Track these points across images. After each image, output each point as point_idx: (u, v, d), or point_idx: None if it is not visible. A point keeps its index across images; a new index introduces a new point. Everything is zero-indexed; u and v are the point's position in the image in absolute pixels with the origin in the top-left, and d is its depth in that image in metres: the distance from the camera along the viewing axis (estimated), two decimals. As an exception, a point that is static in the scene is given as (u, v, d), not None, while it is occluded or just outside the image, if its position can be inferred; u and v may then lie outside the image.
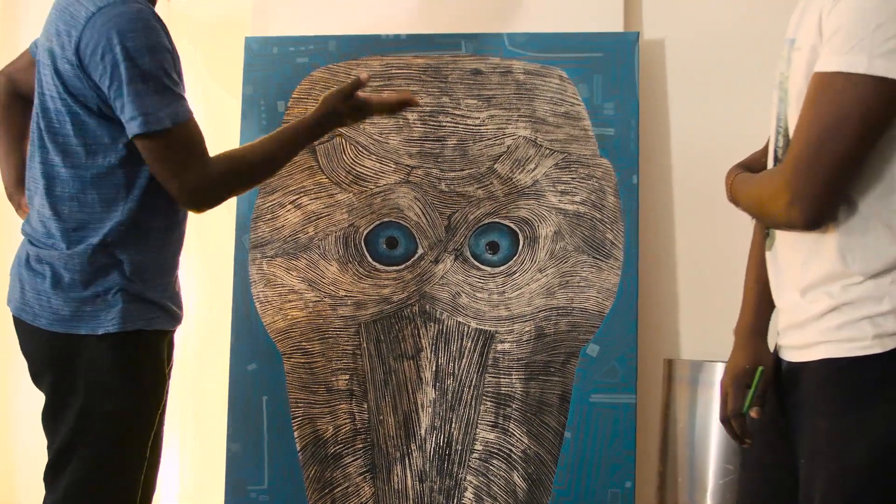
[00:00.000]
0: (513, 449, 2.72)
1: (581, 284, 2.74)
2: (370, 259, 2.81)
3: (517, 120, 2.79)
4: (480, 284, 2.77)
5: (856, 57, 1.42)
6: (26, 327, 2.05)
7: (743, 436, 1.73)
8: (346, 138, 2.82)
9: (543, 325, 2.74)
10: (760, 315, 1.77)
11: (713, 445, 2.56)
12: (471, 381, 2.75)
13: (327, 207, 2.83)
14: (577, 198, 2.76)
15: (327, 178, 2.84)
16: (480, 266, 2.78)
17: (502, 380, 2.74)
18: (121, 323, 1.99)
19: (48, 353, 2.03)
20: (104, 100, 1.96)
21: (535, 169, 2.77)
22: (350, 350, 2.79)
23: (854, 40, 1.42)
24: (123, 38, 1.92)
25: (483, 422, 2.74)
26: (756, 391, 1.70)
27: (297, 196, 2.84)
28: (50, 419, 2.04)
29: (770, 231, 1.66)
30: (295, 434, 2.79)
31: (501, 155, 2.79)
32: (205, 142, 2.04)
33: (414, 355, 2.77)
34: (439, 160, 2.81)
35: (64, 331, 2.00)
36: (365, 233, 2.82)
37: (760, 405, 1.70)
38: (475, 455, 2.73)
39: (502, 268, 2.78)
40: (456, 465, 2.73)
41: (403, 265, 2.80)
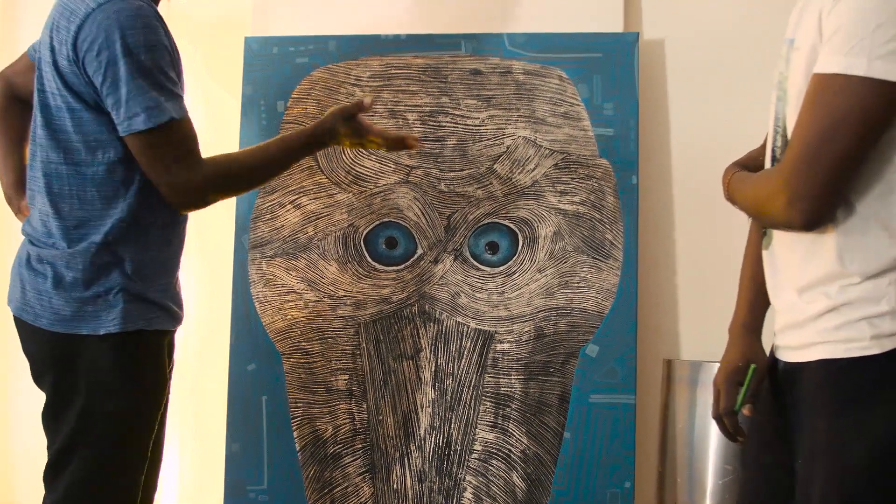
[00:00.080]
0: (512, 449, 2.72)
1: (580, 285, 2.74)
2: (370, 259, 2.81)
3: (517, 120, 2.79)
4: (480, 285, 2.77)
5: (855, 59, 1.42)
6: (27, 327, 2.05)
7: (735, 433, 1.74)
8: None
9: (543, 326, 2.74)
10: (755, 313, 1.78)
11: (712, 446, 2.56)
12: (470, 382, 2.75)
13: (327, 207, 2.83)
14: (577, 198, 2.76)
15: (327, 178, 2.84)
16: (480, 266, 2.78)
17: (501, 380, 2.74)
18: (122, 323, 1.99)
19: (49, 354, 2.03)
20: (100, 95, 1.96)
21: (535, 169, 2.77)
22: (349, 350, 2.79)
23: (853, 41, 1.42)
24: (122, 35, 1.92)
25: (482, 422, 2.74)
26: (748, 389, 1.70)
27: (297, 196, 2.85)
28: (51, 419, 2.04)
29: (767, 230, 1.66)
30: (294, 434, 2.79)
31: (501, 155, 2.79)
32: (198, 143, 2.04)
33: (413, 355, 2.77)
34: (439, 160, 2.81)
35: (65, 331, 2.00)
36: (364, 233, 2.82)
37: (753, 403, 1.70)
38: (474, 455, 2.73)
39: (502, 268, 2.78)
40: (455, 466, 2.73)
41: (403, 265, 2.80)
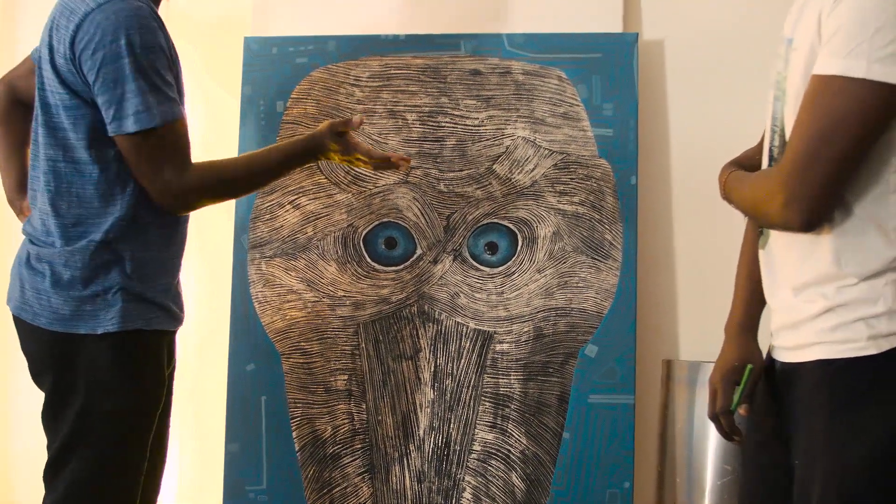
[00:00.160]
0: (511, 449, 2.72)
1: (580, 285, 2.74)
2: (369, 259, 2.81)
3: (516, 120, 2.79)
4: (479, 285, 2.77)
5: (854, 61, 1.42)
6: (26, 326, 2.05)
7: (732, 433, 1.74)
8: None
9: (542, 326, 2.74)
10: (751, 312, 1.78)
11: (711, 446, 2.56)
12: (469, 382, 2.75)
13: (326, 208, 2.83)
14: (576, 198, 2.76)
15: (326, 179, 2.84)
16: (479, 266, 2.78)
17: (501, 380, 2.74)
18: (120, 322, 2.00)
19: (48, 353, 2.03)
20: (94, 94, 1.97)
21: (534, 169, 2.77)
22: (349, 350, 2.79)
23: (853, 44, 1.42)
24: (118, 35, 1.92)
25: (481, 422, 2.74)
26: (745, 389, 1.70)
27: (296, 196, 2.85)
28: (50, 418, 2.04)
29: (764, 229, 1.67)
30: (293, 434, 2.79)
31: (500, 155, 2.79)
32: (189, 146, 2.04)
33: (412, 356, 2.77)
34: (438, 161, 2.81)
35: (64, 330, 2.00)
36: (364, 233, 2.82)
37: (749, 403, 1.71)
38: (473, 456, 2.73)
39: (501, 268, 2.78)
40: (454, 466, 2.73)
41: (402, 265, 2.80)
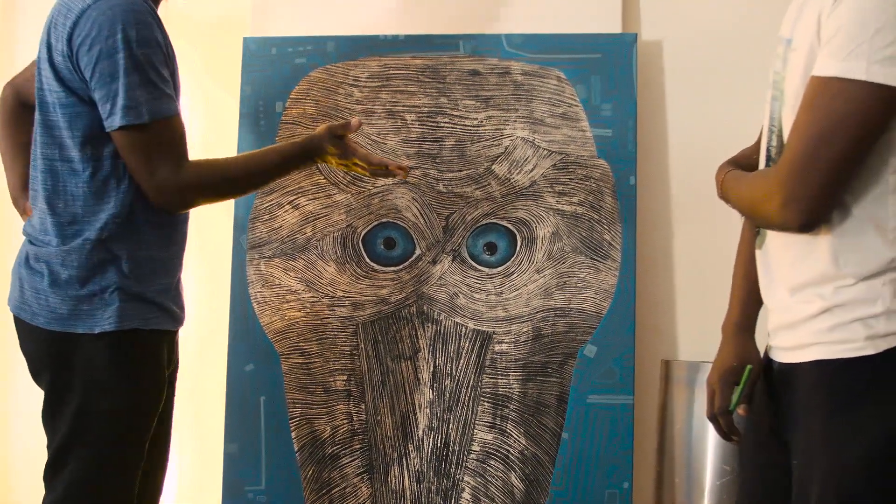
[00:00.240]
0: (510, 450, 2.72)
1: (579, 285, 2.74)
2: (368, 260, 2.81)
3: (515, 121, 2.79)
4: (478, 285, 2.77)
5: (854, 62, 1.42)
6: (25, 326, 2.06)
7: (730, 433, 1.74)
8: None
9: (541, 326, 2.74)
10: (748, 312, 1.78)
11: (710, 446, 2.56)
12: (468, 382, 2.75)
13: (325, 208, 2.83)
14: (575, 199, 2.76)
15: (325, 179, 2.84)
16: (478, 267, 2.78)
17: (500, 381, 2.74)
18: (117, 322, 2.00)
19: (46, 352, 2.03)
20: (91, 89, 1.97)
21: (533, 170, 2.77)
22: (348, 351, 2.79)
23: (852, 45, 1.42)
24: (114, 30, 1.93)
25: (480, 423, 2.74)
26: (744, 389, 1.70)
27: (295, 196, 2.85)
28: (49, 417, 2.05)
29: (760, 230, 1.67)
30: (292, 434, 2.79)
31: (499, 156, 2.79)
32: (185, 143, 2.04)
33: (411, 356, 2.77)
34: (437, 161, 2.81)
35: (61, 329, 2.00)
36: (363, 233, 2.82)
37: (748, 403, 1.71)
38: (472, 456, 2.73)
39: (500, 268, 2.78)
40: (453, 466, 2.73)
41: (401, 266, 2.80)
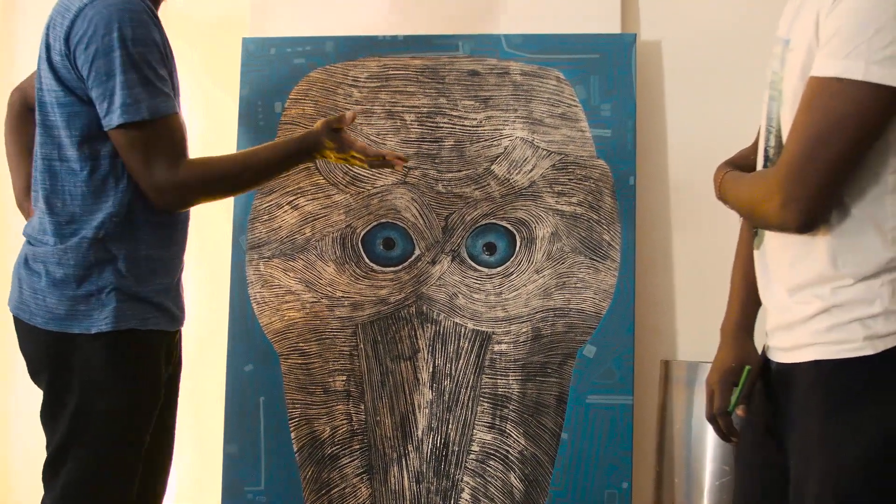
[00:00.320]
0: (510, 450, 2.72)
1: (578, 286, 2.74)
2: (367, 260, 2.81)
3: (514, 121, 2.79)
4: (477, 285, 2.77)
5: (853, 62, 1.41)
6: (24, 326, 2.06)
7: (729, 434, 1.74)
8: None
9: (540, 327, 2.74)
10: (747, 312, 1.78)
11: (710, 446, 2.56)
12: (468, 383, 2.75)
13: (324, 208, 2.83)
14: (574, 199, 2.76)
15: (324, 179, 2.84)
16: (477, 267, 2.78)
17: (499, 381, 2.74)
18: (114, 322, 2.00)
19: (44, 352, 2.04)
20: (88, 88, 1.97)
21: (532, 170, 2.77)
22: (347, 351, 2.79)
23: (851, 45, 1.42)
24: (110, 29, 1.93)
25: (480, 423, 2.74)
26: (743, 390, 1.70)
27: (295, 197, 2.84)
28: (47, 418, 2.05)
29: (758, 230, 1.66)
30: (292, 435, 2.79)
31: (498, 156, 2.79)
32: (184, 142, 2.03)
33: (411, 356, 2.77)
34: (436, 161, 2.81)
35: (59, 329, 2.00)
36: (362, 234, 2.82)
37: (747, 403, 1.71)
38: (472, 456, 2.73)
39: (499, 269, 2.77)
40: (453, 467, 2.73)
41: (400, 266, 2.80)
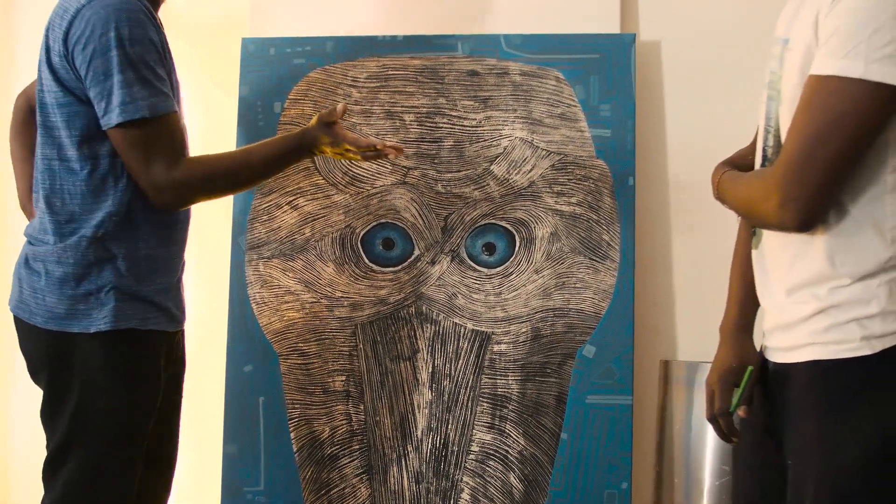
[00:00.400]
0: (509, 450, 2.72)
1: (577, 286, 2.74)
2: (367, 260, 2.81)
3: (514, 121, 2.79)
4: (477, 286, 2.77)
5: (852, 61, 1.42)
6: (23, 325, 2.07)
7: (730, 434, 1.74)
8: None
9: (540, 327, 2.74)
10: (745, 312, 1.78)
11: (709, 446, 2.56)
12: (467, 383, 2.74)
13: (324, 208, 2.83)
14: (574, 199, 2.76)
15: (324, 180, 2.84)
16: (477, 267, 2.78)
17: (499, 381, 2.74)
18: (113, 321, 2.00)
19: (44, 351, 2.04)
20: (86, 88, 1.98)
21: (532, 170, 2.77)
22: (346, 351, 2.79)
23: (850, 44, 1.42)
24: (108, 28, 1.94)
25: (479, 423, 2.73)
26: (744, 391, 1.70)
27: (294, 197, 2.84)
28: (47, 417, 2.06)
29: (756, 230, 1.66)
30: (291, 435, 2.79)
31: (498, 156, 2.79)
32: (184, 140, 2.04)
33: (410, 356, 2.77)
34: (436, 161, 2.81)
35: (58, 329, 2.01)
36: (361, 234, 2.82)
37: (748, 404, 1.70)
38: (471, 456, 2.73)
39: (499, 269, 2.77)
40: (452, 467, 2.73)
41: (400, 266, 2.80)
